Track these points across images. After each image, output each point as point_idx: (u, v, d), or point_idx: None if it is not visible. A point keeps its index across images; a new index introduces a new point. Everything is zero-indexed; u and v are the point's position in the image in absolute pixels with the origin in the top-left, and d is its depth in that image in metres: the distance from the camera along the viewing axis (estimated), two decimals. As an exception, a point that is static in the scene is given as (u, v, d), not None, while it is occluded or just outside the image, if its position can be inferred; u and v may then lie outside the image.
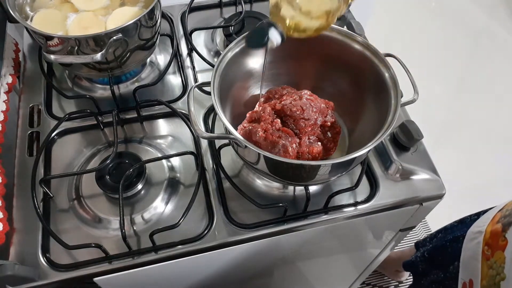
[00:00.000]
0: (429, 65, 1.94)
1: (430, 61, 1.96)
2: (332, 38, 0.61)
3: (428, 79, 1.84)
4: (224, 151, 0.64)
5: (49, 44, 0.59)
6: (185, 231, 0.58)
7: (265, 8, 0.86)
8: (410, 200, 0.64)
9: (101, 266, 0.56)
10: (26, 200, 0.60)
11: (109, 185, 0.60)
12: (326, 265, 0.88)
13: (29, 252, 0.56)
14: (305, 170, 0.52)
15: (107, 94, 0.71)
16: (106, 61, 0.63)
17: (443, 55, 2.01)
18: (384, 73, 0.57)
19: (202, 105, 0.71)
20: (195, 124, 0.51)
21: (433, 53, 2.03)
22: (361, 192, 0.64)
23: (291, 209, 0.61)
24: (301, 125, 0.57)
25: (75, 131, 0.68)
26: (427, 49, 2.03)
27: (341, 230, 0.68)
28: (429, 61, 1.96)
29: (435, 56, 2.01)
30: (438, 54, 2.02)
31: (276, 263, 0.76)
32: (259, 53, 0.62)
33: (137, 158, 0.63)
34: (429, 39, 2.08)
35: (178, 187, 0.63)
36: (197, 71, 0.76)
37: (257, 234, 0.59)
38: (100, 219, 0.60)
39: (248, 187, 0.63)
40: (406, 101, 0.55)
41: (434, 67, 1.95)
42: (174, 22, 0.82)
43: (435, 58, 2.00)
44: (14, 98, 0.71)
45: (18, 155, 0.65)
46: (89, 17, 0.65)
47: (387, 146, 0.66)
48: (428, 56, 1.99)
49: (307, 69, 0.66)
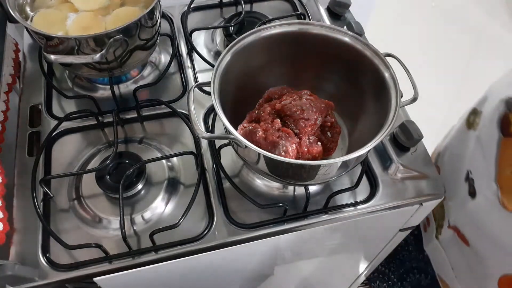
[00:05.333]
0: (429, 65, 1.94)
1: (430, 61, 1.96)
2: (332, 38, 0.61)
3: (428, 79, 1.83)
4: (224, 151, 0.64)
5: (49, 44, 0.59)
6: (185, 231, 0.59)
7: (265, 8, 0.86)
8: (410, 200, 0.64)
9: (101, 266, 0.56)
10: (26, 200, 0.60)
11: (109, 185, 0.60)
12: (326, 265, 0.88)
13: (29, 252, 0.56)
14: (305, 170, 0.52)
15: (107, 94, 0.71)
16: (106, 61, 0.63)
17: (443, 55, 2.01)
18: (384, 73, 0.57)
19: (202, 105, 0.71)
20: (195, 124, 0.51)
21: (433, 53, 2.03)
22: (361, 192, 0.64)
23: (291, 209, 0.61)
24: (301, 125, 0.57)
25: (75, 131, 0.68)
26: (427, 49, 2.03)
27: (341, 230, 0.68)
28: (429, 61, 1.96)
29: (435, 56, 2.01)
30: (438, 54, 2.02)
31: (276, 263, 0.76)
32: (259, 53, 0.62)
33: (137, 158, 0.63)
34: (429, 39, 2.08)
35: (178, 187, 0.63)
36: (197, 71, 0.76)
37: (257, 234, 0.59)
38: (100, 219, 0.60)
39: (248, 187, 0.63)
40: (406, 101, 0.55)
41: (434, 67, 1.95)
42: (174, 22, 0.82)
43: (435, 58, 1.99)
44: (14, 98, 0.71)
45: (18, 155, 0.65)
46: (89, 17, 0.65)
47: (387, 146, 0.66)
48: (428, 56, 1.99)
49: (307, 69, 0.66)
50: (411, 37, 2.07)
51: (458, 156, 0.70)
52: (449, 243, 0.75)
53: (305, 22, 0.62)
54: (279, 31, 0.61)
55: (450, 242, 0.75)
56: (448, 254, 0.77)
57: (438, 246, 0.79)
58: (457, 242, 0.72)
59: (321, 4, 0.85)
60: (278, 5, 0.88)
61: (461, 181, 0.67)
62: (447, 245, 0.77)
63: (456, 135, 0.74)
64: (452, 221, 0.73)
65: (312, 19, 0.83)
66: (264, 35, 0.61)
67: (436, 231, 0.80)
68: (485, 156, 0.61)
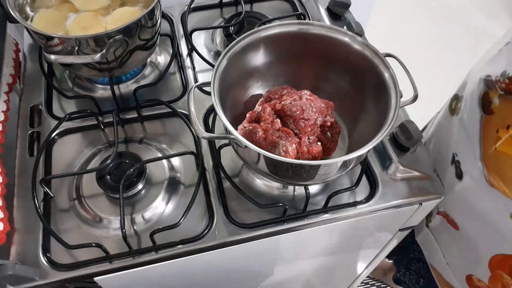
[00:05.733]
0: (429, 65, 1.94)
1: (430, 61, 1.96)
2: (332, 38, 0.61)
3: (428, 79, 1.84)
4: (224, 151, 0.64)
5: (49, 44, 0.59)
6: (185, 231, 0.59)
7: (265, 8, 0.87)
8: (410, 200, 0.64)
9: (102, 265, 0.56)
10: (27, 200, 0.60)
11: (109, 185, 0.60)
12: (326, 265, 0.88)
13: (29, 252, 0.56)
14: (305, 170, 0.52)
15: (108, 94, 0.71)
16: (106, 61, 0.63)
17: (443, 55, 2.01)
18: (384, 73, 0.57)
19: (202, 105, 0.71)
20: (195, 124, 0.51)
21: (433, 53, 2.03)
22: (361, 192, 0.64)
23: (291, 209, 0.61)
24: (301, 125, 0.57)
25: (75, 131, 0.68)
26: (427, 49, 2.03)
27: (341, 230, 0.68)
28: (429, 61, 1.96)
29: (435, 56, 2.01)
30: (438, 54, 2.02)
31: (276, 263, 0.76)
32: (259, 53, 0.62)
33: (137, 158, 0.63)
34: (429, 39, 2.08)
35: (178, 187, 0.63)
36: (197, 71, 0.76)
37: (257, 234, 0.59)
38: (100, 219, 0.60)
39: (248, 187, 0.63)
40: (406, 101, 0.55)
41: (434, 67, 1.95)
42: (174, 22, 0.82)
43: (435, 58, 1.99)
44: (14, 98, 0.71)
45: (19, 155, 0.65)
46: (89, 17, 0.65)
47: (386, 146, 0.66)
48: (428, 56, 1.99)
49: (307, 69, 0.66)
50: (411, 37, 2.07)
51: (443, 143, 0.71)
52: (439, 229, 0.76)
53: (305, 22, 0.62)
54: (279, 31, 0.61)
55: (440, 228, 0.76)
56: (439, 241, 0.78)
57: (429, 234, 0.80)
58: (446, 227, 0.72)
59: (321, 4, 0.85)
60: (278, 5, 0.88)
61: (447, 165, 0.68)
62: (437, 232, 0.78)
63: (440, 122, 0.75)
64: (441, 206, 0.74)
65: (312, 19, 0.83)
66: (264, 35, 0.61)
67: (427, 220, 0.81)
68: (469, 137, 0.62)
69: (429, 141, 0.78)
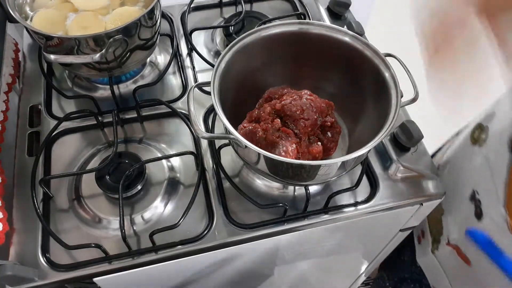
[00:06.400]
0: (429, 65, 1.94)
1: (430, 61, 1.96)
2: (332, 38, 0.61)
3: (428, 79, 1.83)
4: (224, 151, 0.64)
5: (49, 44, 0.59)
6: (185, 231, 0.58)
7: (265, 8, 0.86)
8: (410, 200, 0.64)
9: (101, 266, 0.56)
10: (26, 200, 0.60)
11: (109, 185, 0.60)
12: (326, 265, 0.88)
13: (29, 252, 0.56)
14: (305, 170, 0.52)
15: (107, 94, 0.71)
16: (106, 61, 0.63)
17: (443, 55, 2.01)
18: (384, 73, 0.57)
19: (202, 105, 0.70)
20: (195, 124, 0.51)
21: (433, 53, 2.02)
22: (361, 192, 0.64)
23: (291, 209, 0.61)
24: (301, 125, 0.57)
25: (75, 131, 0.68)
26: (427, 49, 2.03)
27: (341, 230, 0.68)
28: (429, 61, 1.95)
29: (435, 56, 2.00)
30: (438, 54, 2.01)
31: (276, 263, 0.76)
32: (259, 53, 0.62)
33: (137, 158, 0.63)
34: (429, 39, 2.08)
35: (178, 187, 0.63)
36: (197, 71, 0.76)
37: (257, 234, 0.59)
38: (100, 219, 0.60)
39: (248, 187, 0.63)
40: (406, 101, 0.55)
41: (434, 67, 1.94)
42: (174, 22, 0.82)
43: (435, 58, 1.99)
44: (14, 98, 0.71)
45: (18, 155, 0.65)
46: (89, 17, 0.65)
47: (387, 146, 0.66)
48: (428, 56, 1.99)
49: (307, 68, 0.66)
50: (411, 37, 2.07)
51: (461, 171, 0.68)
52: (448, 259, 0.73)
53: (305, 22, 0.62)
54: (279, 31, 0.61)
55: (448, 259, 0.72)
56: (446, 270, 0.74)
57: (434, 261, 0.76)
58: (456, 259, 0.69)
59: (321, 4, 0.85)
60: (278, 5, 0.88)
61: (464, 199, 0.65)
62: (445, 261, 0.74)
63: (459, 149, 0.71)
64: (453, 240, 0.70)
65: (312, 19, 0.83)
66: (264, 35, 0.61)
67: (432, 246, 0.77)
68: (493, 178, 0.58)
69: (444, 165, 0.74)
